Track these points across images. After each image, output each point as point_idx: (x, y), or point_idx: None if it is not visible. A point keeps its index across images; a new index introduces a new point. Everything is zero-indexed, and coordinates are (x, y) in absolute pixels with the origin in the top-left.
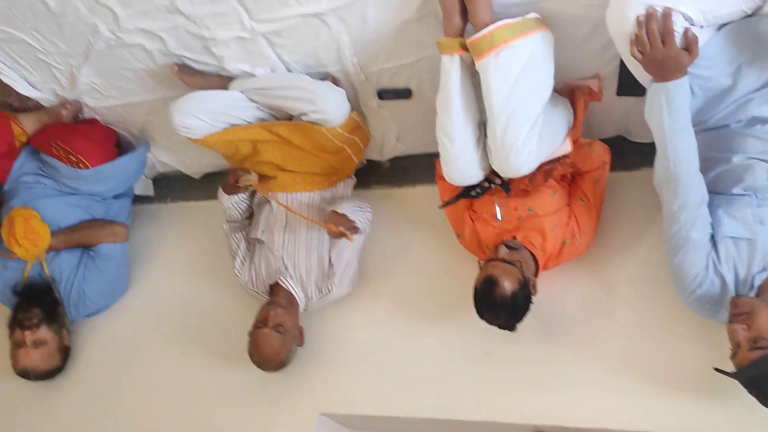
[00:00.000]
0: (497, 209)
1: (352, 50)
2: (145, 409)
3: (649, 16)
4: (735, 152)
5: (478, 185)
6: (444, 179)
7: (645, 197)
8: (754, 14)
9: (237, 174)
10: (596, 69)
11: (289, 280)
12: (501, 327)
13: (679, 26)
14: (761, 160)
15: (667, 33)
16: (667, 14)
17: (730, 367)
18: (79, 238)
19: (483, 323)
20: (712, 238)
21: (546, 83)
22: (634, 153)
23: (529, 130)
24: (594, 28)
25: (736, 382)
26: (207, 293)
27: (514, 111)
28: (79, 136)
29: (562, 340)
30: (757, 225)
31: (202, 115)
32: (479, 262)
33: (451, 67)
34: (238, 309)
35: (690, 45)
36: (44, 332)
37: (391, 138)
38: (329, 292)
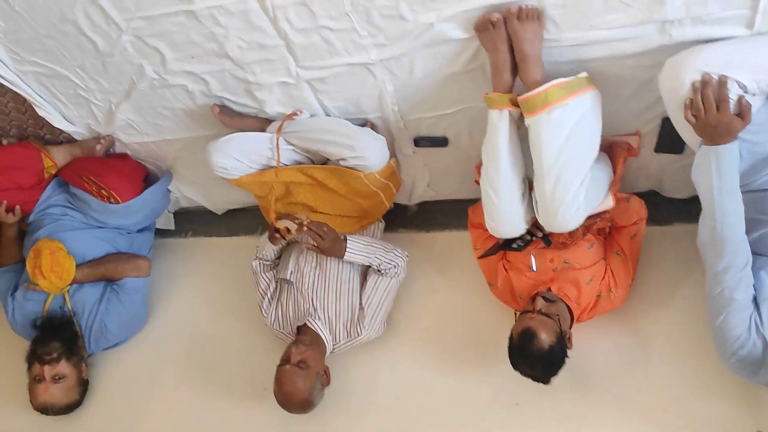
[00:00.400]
0: (533, 260)
1: (395, 99)
2: None
3: (705, 82)
4: None
5: (520, 238)
6: (477, 227)
7: (678, 252)
8: None
9: (277, 225)
10: (637, 126)
11: (317, 322)
12: (535, 379)
13: (733, 93)
14: None
15: (722, 99)
16: (723, 82)
17: None
18: (104, 271)
19: (513, 372)
20: (755, 300)
21: (595, 140)
22: (666, 208)
23: (578, 187)
24: (639, 88)
25: None
26: (227, 331)
27: (564, 167)
28: (112, 171)
29: (594, 395)
30: None
31: (240, 156)
32: (515, 313)
33: (500, 122)
34: (259, 348)
35: (743, 112)
36: (63, 366)
37: (421, 184)
38: (358, 335)
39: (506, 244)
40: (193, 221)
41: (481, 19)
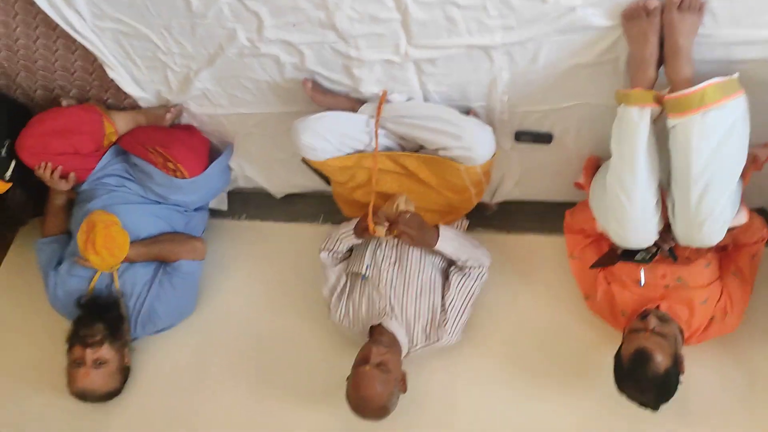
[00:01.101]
0: (642, 274)
1: (506, 88)
2: None
3: None
4: None
5: (645, 249)
6: (576, 233)
7: None
8: None
9: (376, 232)
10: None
11: (394, 322)
12: (644, 405)
13: None
14: None
15: None
16: None
17: None
18: (158, 251)
19: (608, 398)
20: None
21: (745, 149)
22: None
23: (726, 199)
24: None
25: None
26: (282, 322)
27: (714, 177)
28: (179, 143)
29: (694, 429)
30: None
31: (331, 137)
32: (624, 330)
33: (641, 120)
34: (318, 346)
35: None
36: (106, 351)
37: (509, 182)
38: (438, 340)
39: (627, 255)
40: (248, 203)
41: (634, 5)
